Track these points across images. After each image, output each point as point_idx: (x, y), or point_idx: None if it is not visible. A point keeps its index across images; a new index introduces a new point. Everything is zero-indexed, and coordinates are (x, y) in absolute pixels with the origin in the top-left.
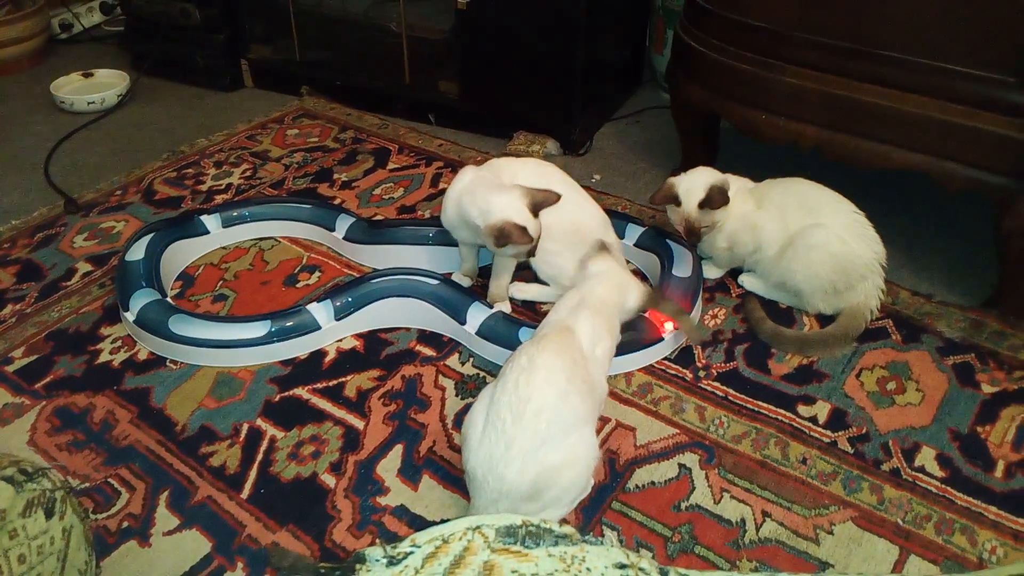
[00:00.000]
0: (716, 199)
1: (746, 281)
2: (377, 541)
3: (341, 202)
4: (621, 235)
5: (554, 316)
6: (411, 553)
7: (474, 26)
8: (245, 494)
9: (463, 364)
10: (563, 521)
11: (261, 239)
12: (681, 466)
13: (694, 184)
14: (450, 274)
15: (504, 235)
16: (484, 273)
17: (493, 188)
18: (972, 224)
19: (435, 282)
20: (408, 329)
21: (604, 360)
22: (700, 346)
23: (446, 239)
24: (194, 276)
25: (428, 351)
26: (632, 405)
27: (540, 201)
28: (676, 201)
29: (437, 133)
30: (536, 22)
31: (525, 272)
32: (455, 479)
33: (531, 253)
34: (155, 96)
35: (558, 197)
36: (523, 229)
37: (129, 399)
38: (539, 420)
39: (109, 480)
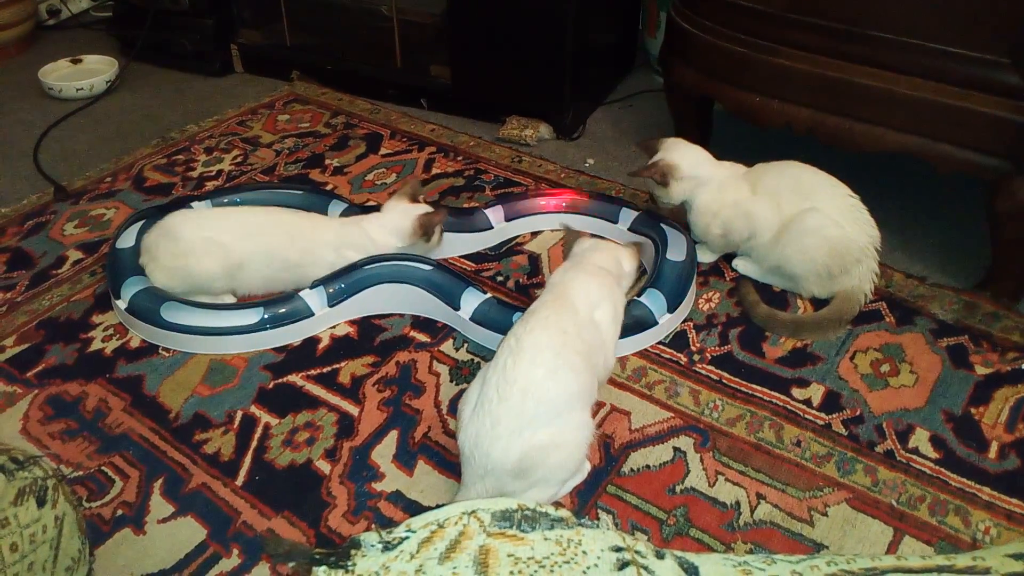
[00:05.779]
0: (649, 174)
1: (740, 265)
2: (373, 527)
3: (333, 188)
4: (615, 220)
5: (547, 286)
6: (406, 538)
7: (465, 10)
8: (240, 481)
9: (457, 350)
10: (559, 505)
11: None
12: (676, 449)
13: (666, 149)
14: (445, 260)
15: None
16: (476, 258)
17: None
18: (965, 206)
19: (428, 268)
20: (402, 315)
21: (609, 327)
22: (695, 330)
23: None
24: None
25: (422, 337)
26: (627, 389)
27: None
28: (652, 153)
29: (429, 118)
30: (527, 5)
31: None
32: (450, 464)
33: None
34: (144, 82)
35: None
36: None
37: (122, 387)
38: (525, 400)
39: (103, 468)
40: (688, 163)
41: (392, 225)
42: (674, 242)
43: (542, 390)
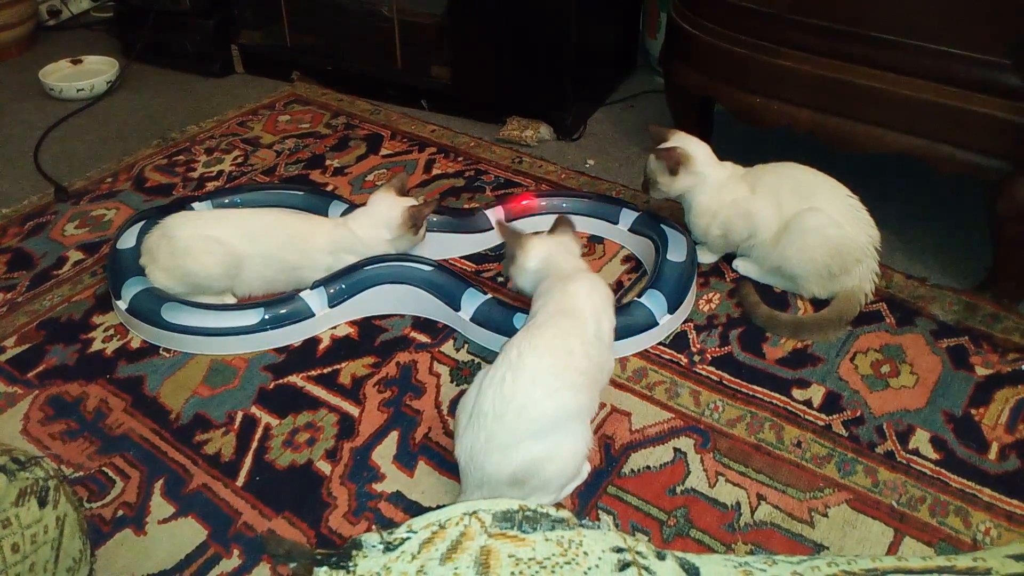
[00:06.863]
0: (666, 156)
1: (740, 266)
2: (373, 527)
3: (334, 188)
4: (615, 220)
5: (551, 299)
6: (408, 539)
7: (466, 10)
8: (240, 482)
9: (458, 351)
10: (559, 506)
11: None
12: (676, 450)
13: (675, 141)
14: (446, 261)
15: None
16: (476, 259)
17: None
18: (966, 207)
19: (429, 268)
20: (402, 316)
21: (611, 333)
22: (695, 331)
23: (441, 226)
24: None
25: (423, 338)
26: (627, 390)
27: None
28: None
29: (430, 118)
30: (528, 6)
31: None
32: (451, 465)
33: None
34: (145, 83)
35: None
36: None
37: (122, 388)
38: (520, 419)
39: (103, 469)
40: (700, 158)
41: (381, 216)
42: (674, 243)
43: (539, 409)
